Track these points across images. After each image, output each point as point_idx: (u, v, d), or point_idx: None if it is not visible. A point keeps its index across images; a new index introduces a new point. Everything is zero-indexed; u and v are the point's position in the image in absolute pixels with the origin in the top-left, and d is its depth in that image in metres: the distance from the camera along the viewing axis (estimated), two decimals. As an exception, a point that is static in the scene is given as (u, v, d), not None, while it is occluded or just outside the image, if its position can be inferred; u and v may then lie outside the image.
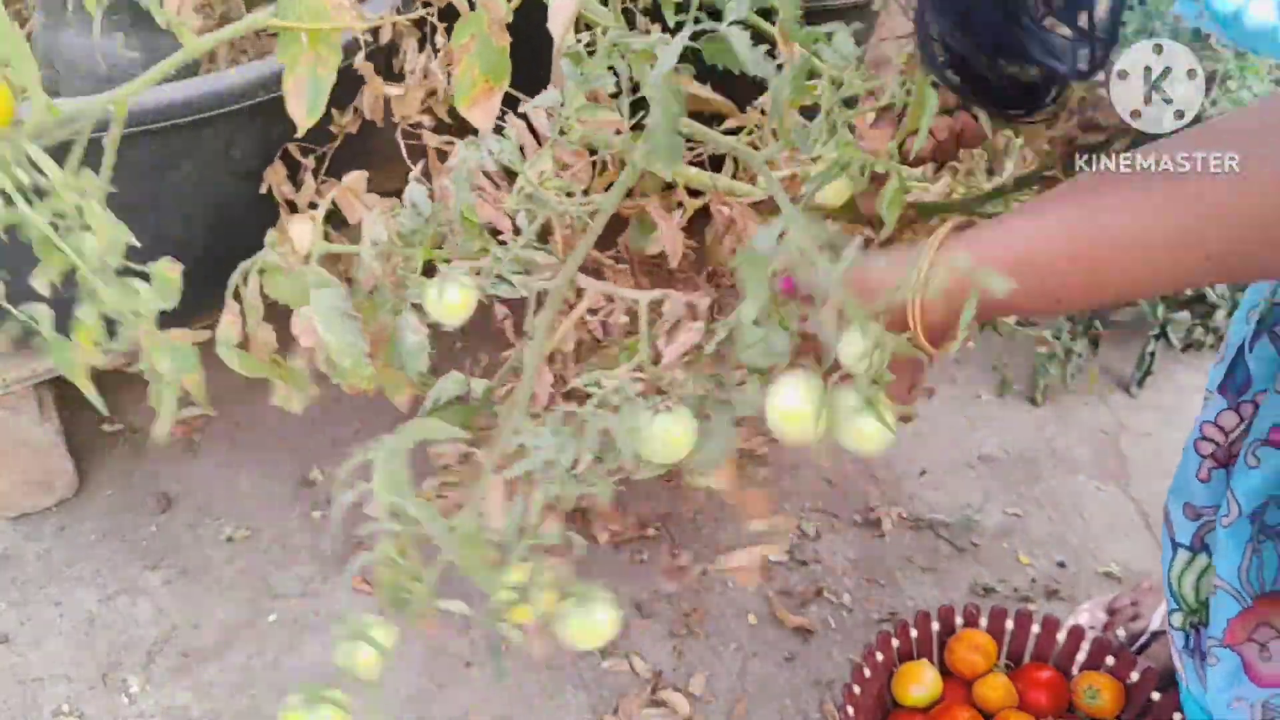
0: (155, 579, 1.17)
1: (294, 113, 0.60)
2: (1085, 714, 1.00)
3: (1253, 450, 0.71)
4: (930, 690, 1.00)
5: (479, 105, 0.70)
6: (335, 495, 0.58)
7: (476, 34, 0.68)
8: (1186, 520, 0.80)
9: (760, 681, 1.12)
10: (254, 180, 1.03)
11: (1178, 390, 1.54)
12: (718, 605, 1.19)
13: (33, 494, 1.21)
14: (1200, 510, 0.79)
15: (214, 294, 1.12)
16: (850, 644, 1.16)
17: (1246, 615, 0.72)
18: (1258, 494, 0.71)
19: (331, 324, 0.72)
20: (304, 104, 0.60)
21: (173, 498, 1.26)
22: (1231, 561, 0.72)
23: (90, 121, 0.60)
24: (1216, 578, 0.74)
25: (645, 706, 1.08)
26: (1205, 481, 0.78)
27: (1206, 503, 0.78)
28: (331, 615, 1.15)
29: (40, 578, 1.16)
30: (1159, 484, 1.33)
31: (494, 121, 0.70)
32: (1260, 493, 0.71)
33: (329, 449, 1.31)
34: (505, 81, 0.71)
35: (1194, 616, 0.81)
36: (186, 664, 1.09)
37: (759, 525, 0.64)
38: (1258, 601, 0.72)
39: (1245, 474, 0.72)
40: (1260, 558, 0.71)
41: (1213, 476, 0.78)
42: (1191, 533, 0.80)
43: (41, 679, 1.06)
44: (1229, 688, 0.74)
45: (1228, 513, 0.73)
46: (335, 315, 0.72)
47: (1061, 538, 1.30)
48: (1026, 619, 1.04)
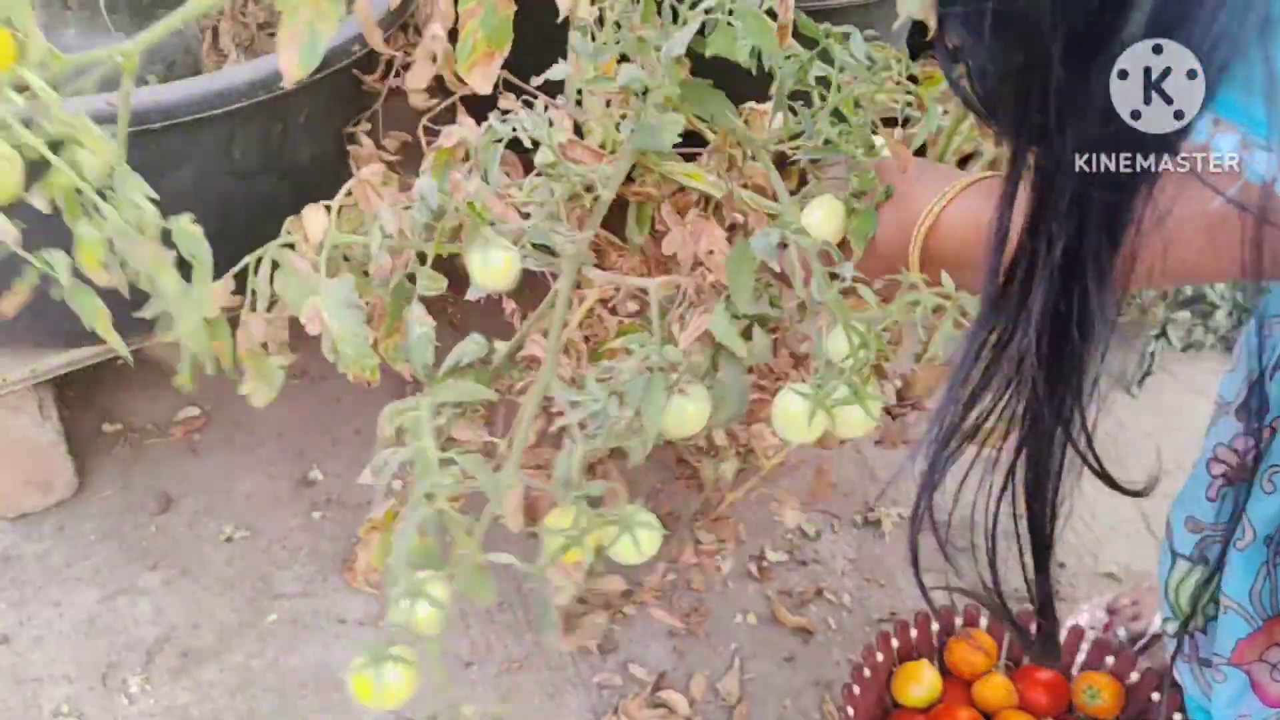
0: (155, 579, 1.17)
1: (284, 65, 0.58)
2: (1085, 714, 1.00)
3: (1269, 476, 0.71)
4: (930, 690, 1.00)
5: (479, 69, 0.71)
6: (379, 448, 0.60)
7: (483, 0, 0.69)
8: (1188, 532, 0.80)
9: (760, 681, 1.12)
10: (254, 180, 1.03)
11: (1178, 390, 1.54)
12: (718, 605, 1.19)
13: (33, 494, 1.21)
14: (1204, 526, 0.79)
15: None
16: (850, 644, 1.16)
17: (1256, 637, 0.72)
18: (1274, 520, 0.71)
19: (338, 313, 0.73)
20: (296, 56, 0.58)
21: (173, 498, 1.26)
22: (1243, 583, 0.72)
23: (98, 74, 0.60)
24: (1226, 597, 0.74)
25: (645, 707, 1.08)
26: (1213, 500, 0.78)
27: (1211, 519, 0.78)
28: (331, 615, 1.14)
29: (40, 578, 1.16)
30: (1159, 485, 1.33)
31: (492, 85, 0.71)
32: (1277, 519, 0.71)
33: (329, 449, 1.31)
34: (506, 47, 0.71)
35: (1189, 624, 0.81)
36: (186, 664, 1.09)
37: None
38: (1269, 623, 0.72)
39: (1262, 499, 0.71)
40: (1274, 581, 0.71)
41: (1221, 495, 0.78)
42: (1192, 545, 0.80)
43: (41, 679, 1.06)
44: (1234, 704, 0.74)
45: (1242, 536, 0.72)
46: (342, 306, 0.73)
47: (1062, 538, 1.29)
48: (1026, 619, 1.04)
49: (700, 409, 0.65)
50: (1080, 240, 0.42)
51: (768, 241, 0.64)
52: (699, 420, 0.66)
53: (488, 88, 0.72)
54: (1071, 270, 0.42)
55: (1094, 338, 0.44)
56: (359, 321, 0.73)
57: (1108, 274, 0.42)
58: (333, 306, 0.72)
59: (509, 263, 0.69)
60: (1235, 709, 0.74)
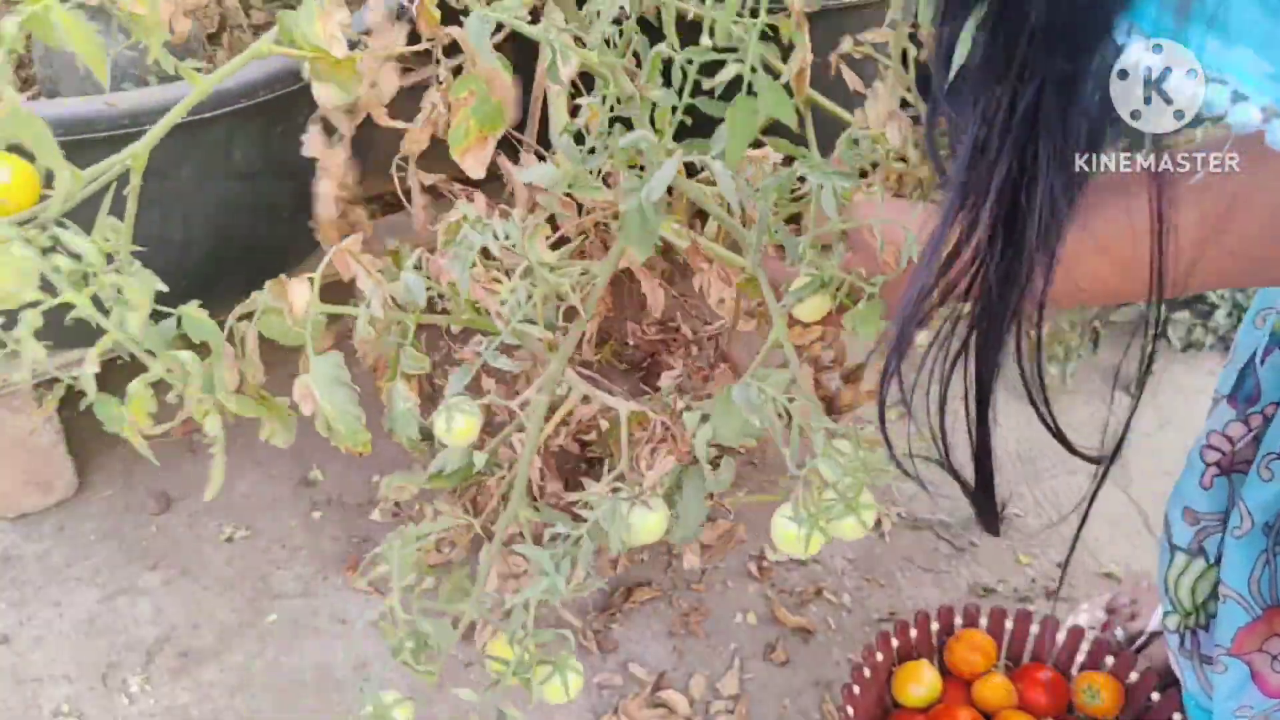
0: (155, 579, 1.17)
1: (468, 168, 0.72)
2: (1085, 714, 1.00)
3: (1266, 463, 0.71)
4: (930, 690, 1.00)
5: (472, 153, 0.77)
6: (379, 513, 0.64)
7: (475, 90, 0.72)
8: (1186, 525, 0.80)
9: (760, 681, 1.12)
10: (254, 180, 1.03)
11: (1178, 390, 1.54)
12: (718, 605, 1.19)
13: (33, 494, 1.21)
14: (1200, 516, 0.79)
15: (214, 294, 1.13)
16: (850, 644, 1.16)
17: (1256, 626, 0.72)
18: (1271, 507, 0.71)
19: (329, 392, 0.78)
20: (476, 165, 0.72)
21: (173, 498, 1.26)
22: (1242, 572, 0.72)
23: (112, 178, 0.62)
24: (1225, 586, 0.74)
25: (645, 707, 1.08)
26: (1208, 489, 0.78)
27: (1207, 509, 0.78)
28: (331, 615, 1.15)
29: (40, 578, 1.16)
30: (1159, 484, 1.34)
31: (485, 169, 0.76)
32: (1275, 506, 0.71)
33: (329, 449, 1.31)
34: (499, 131, 0.76)
35: (1190, 619, 0.81)
36: (186, 664, 1.09)
37: None
38: (1269, 612, 0.72)
39: (1259, 486, 0.71)
40: (1273, 569, 0.71)
41: (1215, 484, 0.78)
42: (1190, 537, 0.80)
43: (41, 679, 1.06)
44: (1235, 696, 0.74)
45: (1240, 524, 0.72)
46: (333, 384, 0.78)
47: (1062, 538, 1.30)
48: (1026, 619, 1.04)
49: (660, 519, 0.73)
50: (1038, 103, 0.45)
51: (747, 396, 0.64)
52: (659, 529, 0.73)
53: (481, 172, 0.78)
54: (1028, 137, 0.46)
55: (1046, 207, 0.47)
56: (350, 400, 0.78)
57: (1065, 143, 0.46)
58: (324, 385, 0.77)
59: (470, 425, 0.76)
60: (1236, 700, 0.74)
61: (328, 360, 0.79)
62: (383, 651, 1.10)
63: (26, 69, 1.16)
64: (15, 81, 1.14)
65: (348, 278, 0.82)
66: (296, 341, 0.79)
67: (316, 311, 0.78)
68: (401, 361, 0.83)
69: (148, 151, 0.67)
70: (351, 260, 0.81)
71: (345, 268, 0.82)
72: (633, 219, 0.63)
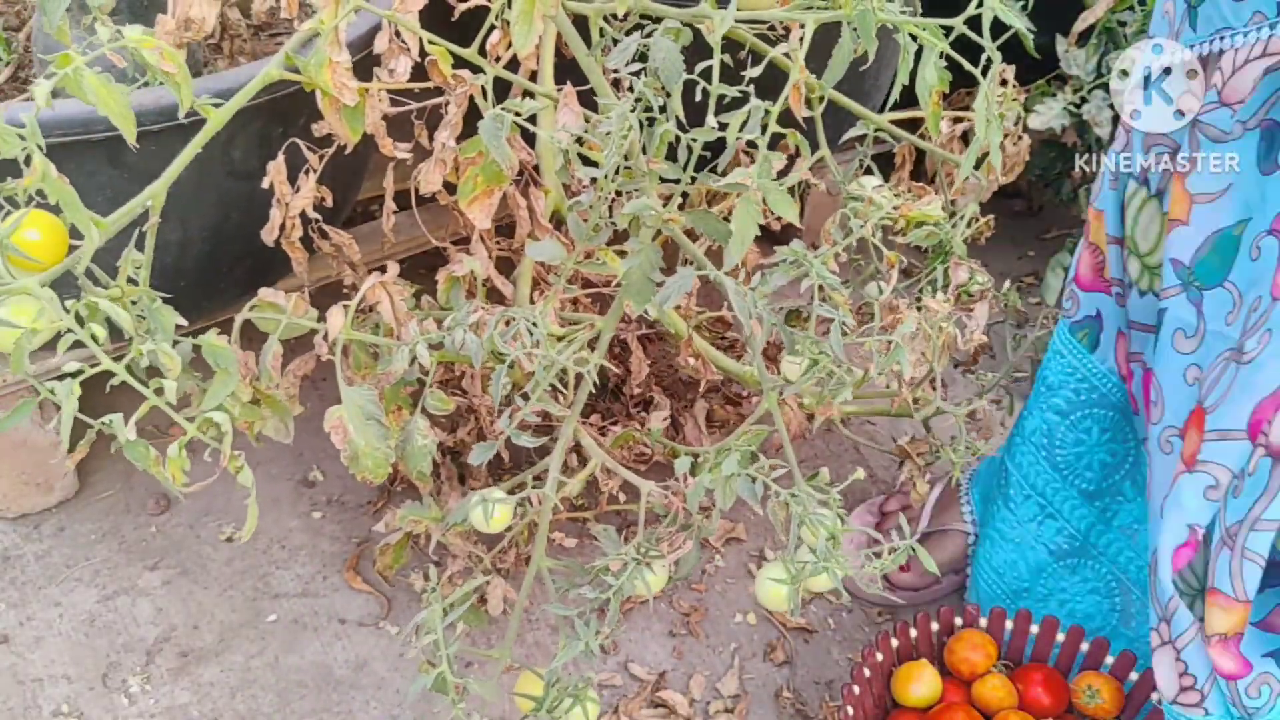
0: (155, 579, 1.17)
1: (474, 220, 0.80)
2: (1085, 714, 1.00)
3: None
4: (930, 690, 1.00)
5: (479, 204, 0.82)
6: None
7: (483, 151, 0.76)
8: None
9: (760, 681, 1.12)
10: (254, 180, 1.03)
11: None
12: (718, 605, 1.19)
13: (33, 494, 1.21)
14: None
15: (215, 294, 1.13)
16: (850, 644, 1.16)
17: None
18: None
19: (362, 427, 0.82)
20: (484, 217, 0.80)
21: (173, 498, 1.26)
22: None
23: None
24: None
25: (645, 707, 1.08)
26: None
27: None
28: (331, 615, 1.15)
29: (40, 578, 1.16)
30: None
31: (491, 219, 0.83)
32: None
33: (329, 449, 1.31)
34: (505, 185, 0.81)
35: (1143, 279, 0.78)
36: (186, 664, 1.09)
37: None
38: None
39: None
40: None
41: None
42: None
43: (41, 679, 1.06)
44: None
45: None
46: (365, 419, 0.82)
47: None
48: (1026, 619, 1.04)
49: (660, 577, 0.88)
50: None
51: (754, 491, 0.83)
52: (664, 582, 0.90)
53: (487, 223, 0.83)
54: None
55: None
56: (382, 436, 0.82)
57: None
58: (357, 419, 0.82)
59: (505, 514, 0.89)
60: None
61: (361, 393, 0.82)
62: (383, 651, 1.10)
63: (26, 69, 1.16)
64: (15, 82, 1.14)
65: (373, 305, 0.88)
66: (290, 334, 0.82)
67: (346, 338, 0.83)
68: (425, 400, 0.87)
69: (165, 191, 0.70)
70: (385, 299, 0.86)
71: (374, 295, 0.87)
72: (635, 276, 0.72)
